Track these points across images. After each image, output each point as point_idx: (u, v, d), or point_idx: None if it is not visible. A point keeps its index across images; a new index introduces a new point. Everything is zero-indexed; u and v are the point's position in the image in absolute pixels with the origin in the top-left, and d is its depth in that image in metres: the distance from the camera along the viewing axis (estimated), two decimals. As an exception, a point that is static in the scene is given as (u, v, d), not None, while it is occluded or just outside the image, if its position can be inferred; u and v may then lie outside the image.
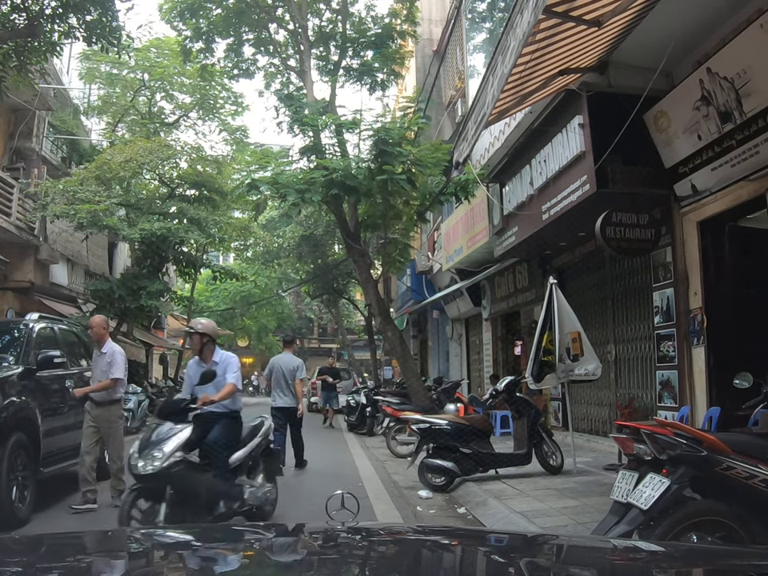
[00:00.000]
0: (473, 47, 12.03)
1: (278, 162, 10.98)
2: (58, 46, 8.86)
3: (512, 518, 5.15)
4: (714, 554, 1.70)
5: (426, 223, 14.70)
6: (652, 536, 3.15)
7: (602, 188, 6.45)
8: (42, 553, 1.55)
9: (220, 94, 19.45)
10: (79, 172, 14.17)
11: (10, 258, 12.60)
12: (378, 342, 22.07)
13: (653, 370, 7.43)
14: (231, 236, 18.77)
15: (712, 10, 5.39)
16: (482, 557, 1.60)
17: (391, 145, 9.51)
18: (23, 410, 5.44)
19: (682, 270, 6.71)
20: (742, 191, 5.73)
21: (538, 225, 8.06)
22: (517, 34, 4.23)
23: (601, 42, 5.48)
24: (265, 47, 12.92)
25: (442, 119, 14.47)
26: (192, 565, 1.49)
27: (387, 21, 12.75)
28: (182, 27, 12.66)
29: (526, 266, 10.89)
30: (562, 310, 6.94)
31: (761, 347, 5.61)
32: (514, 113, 6.92)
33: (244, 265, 25.30)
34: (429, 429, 6.78)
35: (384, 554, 1.59)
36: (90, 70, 18.64)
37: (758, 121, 5.17)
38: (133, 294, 14.09)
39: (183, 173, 16.81)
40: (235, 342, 36.39)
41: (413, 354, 17.49)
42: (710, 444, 3.32)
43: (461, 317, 15.87)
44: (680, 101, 5.96)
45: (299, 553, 1.64)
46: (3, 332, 6.57)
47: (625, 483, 3.48)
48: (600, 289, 9.02)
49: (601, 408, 9.03)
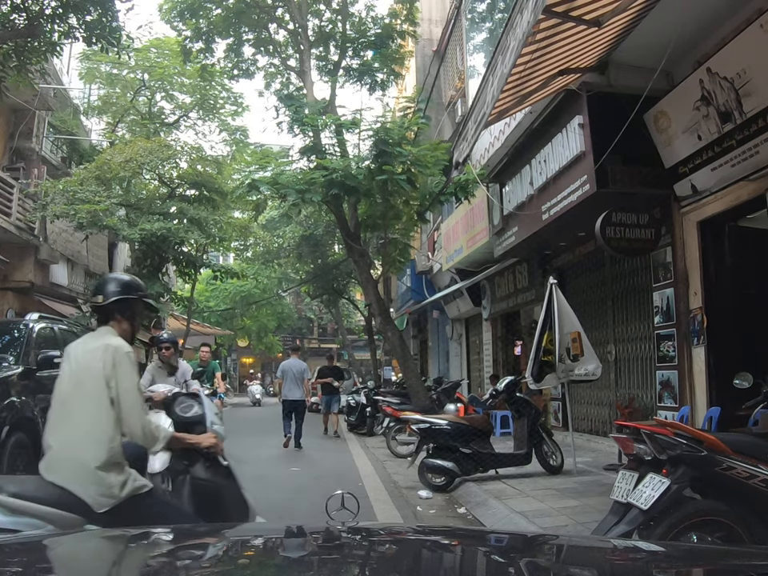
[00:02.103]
0: (473, 47, 12.02)
1: (278, 162, 10.98)
2: (58, 46, 8.87)
3: (512, 518, 5.15)
4: (714, 553, 1.70)
5: (425, 223, 14.69)
6: (652, 536, 3.15)
7: (602, 188, 6.45)
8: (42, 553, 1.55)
9: (220, 94, 19.44)
10: (79, 172, 14.16)
11: (10, 258, 12.61)
12: (378, 342, 22.06)
13: (653, 369, 7.43)
14: (231, 236, 18.77)
15: (712, 10, 5.39)
16: (481, 557, 1.60)
17: (391, 145, 9.51)
18: (23, 409, 5.45)
19: (681, 270, 6.71)
20: (741, 191, 5.74)
21: (537, 225, 8.06)
22: (516, 33, 4.23)
23: (601, 42, 5.48)
24: (265, 47, 12.93)
25: (442, 119, 14.47)
26: (192, 565, 1.49)
27: (387, 21, 12.75)
28: (182, 27, 12.66)
29: (526, 265, 10.89)
30: (561, 310, 6.94)
31: (761, 347, 5.62)
32: (513, 113, 6.92)
33: (244, 265, 25.30)
34: (429, 429, 6.77)
35: (384, 554, 1.59)
36: (90, 69, 18.62)
37: (758, 121, 5.17)
38: (133, 294, 14.06)
39: (183, 173, 16.81)
40: (235, 341, 36.35)
41: (413, 354, 17.50)
42: (709, 444, 3.32)
43: (461, 317, 15.87)
44: (680, 101, 5.96)
45: (299, 553, 1.64)
46: (3, 332, 6.58)
47: (625, 483, 3.48)
48: (600, 289, 9.02)
49: (601, 408, 9.03)
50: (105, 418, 2.55)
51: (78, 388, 2.61)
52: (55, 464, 2.52)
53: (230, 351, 39.81)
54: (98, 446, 2.51)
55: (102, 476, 2.47)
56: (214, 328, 29.27)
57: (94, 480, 2.46)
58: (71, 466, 2.49)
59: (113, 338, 2.69)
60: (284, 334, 38.12)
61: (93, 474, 2.46)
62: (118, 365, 2.58)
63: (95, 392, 2.57)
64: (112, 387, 2.56)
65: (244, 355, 42.08)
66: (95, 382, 2.57)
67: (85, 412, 2.56)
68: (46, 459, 2.56)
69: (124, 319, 2.80)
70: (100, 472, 2.47)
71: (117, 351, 2.61)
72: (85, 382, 2.59)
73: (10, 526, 2.28)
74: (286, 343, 37.65)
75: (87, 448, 2.50)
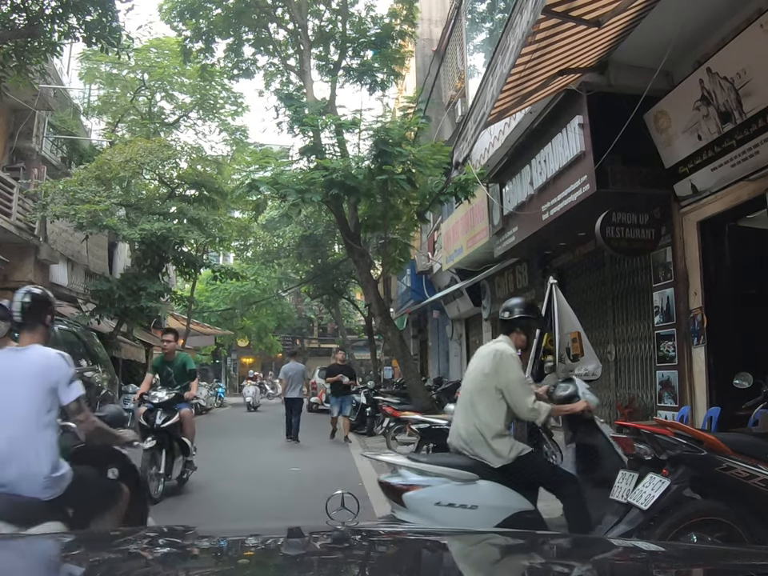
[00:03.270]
0: (473, 47, 12.02)
1: (278, 162, 10.98)
2: (58, 46, 8.87)
3: (512, 517, 5.14)
4: (714, 553, 1.70)
5: (426, 223, 14.70)
6: (652, 536, 3.15)
7: (602, 188, 6.45)
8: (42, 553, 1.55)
9: (220, 94, 19.43)
10: (79, 172, 14.15)
11: (10, 258, 12.60)
12: (378, 342, 22.06)
13: (653, 369, 7.42)
14: (231, 236, 18.77)
15: (712, 9, 5.39)
16: (482, 557, 1.60)
17: (391, 145, 9.51)
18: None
19: (681, 270, 6.71)
20: (741, 191, 5.73)
21: (537, 225, 8.06)
22: (516, 33, 4.23)
23: (601, 42, 5.48)
24: (265, 47, 12.93)
25: (442, 119, 14.47)
26: (191, 565, 1.49)
27: (387, 21, 12.75)
28: (182, 27, 12.66)
29: (526, 265, 10.88)
30: (561, 310, 6.91)
31: (761, 347, 5.62)
32: (513, 113, 6.91)
33: (244, 265, 25.29)
34: (429, 429, 6.77)
35: (384, 554, 1.59)
36: (90, 70, 18.61)
37: (758, 121, 5.17)
38: (133, 295, 14.07)
39: (183, 173, 16.80)
40: (235, 341, 36.35)
41: (413, 354, 17.50)
42: (709, 444, 3.32)
43: (461, 317, 15.86)
44: (680, 101, 5.96)
45: (299, 553, 1.64)
46: (3, 332, 6.56)
47: (625, 483, 3.48)
48: (600, 289, 9.02)
49: (601, 408, 9.01)
50: (497, 404, 3.58)
51: (477, 381, 3.67)
52: (464, 437, 3.62)
53: (230, 351, 39.83)
54: (493, 422, 3.54)
55: (496, 443, 3.50)
56: (214, 328, 29.28)
57: (491, 447, 3.50)
58: (475, 439, 3.56)
59: (500, 344, 3.76)
60: (284, 334, 38.13)
61: (489, 443, 3.50)
62: (502, 364, 3.59)
63: (489, 384, 3.61)
64: (501, 380, 3.57)
65: (244, 355, 42.08)
66: (488, 377, 3.61)
67: (483, 399, 3.60)
68: (453, 434, 3.74)
69: (521, 331, 3.86)
70: (495, 441, 3.50)
71: (503, 354, 3.64)
72: (481, 376, 3.65)
73: (423, 483, 3.42)
74: (285, 343, 37.67)
75: (486, 425, 3.54)
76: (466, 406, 3.70)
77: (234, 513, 5.81)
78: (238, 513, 5.80)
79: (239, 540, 1.75)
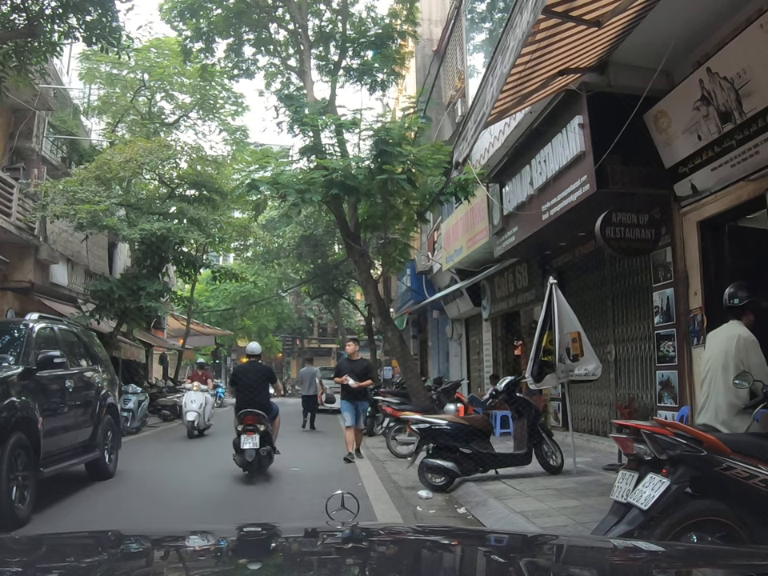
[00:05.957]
0: (473, 47, 12.02)
1: (278, 162, 10.97)
2: (58, 46, 8.86)
3: (512, 518, 5.15)
4: (714, 554, 1.70)
5: (426, 223, 14.70)
6: (652, 536, 3.15)
7: (602, 188, 6.45)
8: (42, 553, 1.55)
9: (220, 94, 19.43)
10: (79, 172, 14.14)
11: (9, 258, 12.60)
12: (378, 342, 22.06)
13: (653, 369, 7.43)
14: (231, 236, 18.75)
15: (712, 10, 5.39)
16: (482, 557, 1.60)
17: (391, 145, 9.51)
18: (23, 409, 5.44)
19: (681, 270, 6.71)
20: (741, 191, 5.74)
21: (537, 225, 8.06)
22: (516, 33, 4.23)
23: (601, 41, 5.48)
24: (265, 47, 12.93)
25: (442, 119, 14.47)
26: (191, 565, 1.49)
27: (387, 21, 12.74)
28: (182, 27, 12.66)
29: (526, 265, 10.89)
30: (561, 310, 6.93)
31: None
32: (513, 113, 6.92)
33: (244, 265, 25.28)
34: (429, 429, 6.77)
35: (384, 554, 1.59)
36: (90, 70, 18.61)
37: (758, 121, 5.17)
38: (133, 295, 14.07)
39: (183, 173, 16.78)
40: (235, 341, 36.34)
41: (413, 353, 17.49)
42: (709, 444, 3.33)
43: (461, 317, 15.87)
44: (680, 101, 5.96)
45: (299, 553, 1.64)
46: (3, 332, 6.56)
47: (625, 483, 3.48)
48: (600, 289, 9.02)
49: (601, 408, 9.03)
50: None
51: (719, 363, 4.00)
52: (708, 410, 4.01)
53: (230, 351, 39.81)
54: (735, 400, 3.90)
55: (732, 419, 3.88)
56: (214, 328, 29.29)
57: (730, 421, 3.88)
58: (714, 414, 3.97)
59: (741, 329, 4.05)
60: (284, 334, 38.13)
61: (729, 419, 3.89)
62: (744, 348, 3.93)
63: (730, 366, 3.91)
64: (743, 363, 3.88)
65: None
66: (731, 360, 3.93)
67: (727, 380, 3.91)
68: (702, 407, 4.12)
69: (751, 313, 4.14)
70: (733, 416, 3.87)
71: (745, 339, 3.98)
72: (724, 359, 3.98)
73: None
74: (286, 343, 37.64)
75: (726, 401, 3.93)
76: (714, 382, 4.05)
77: (234, 512, 5.81)
78: (238, 512, 5.80)
79: (240, 540, 1.75)
